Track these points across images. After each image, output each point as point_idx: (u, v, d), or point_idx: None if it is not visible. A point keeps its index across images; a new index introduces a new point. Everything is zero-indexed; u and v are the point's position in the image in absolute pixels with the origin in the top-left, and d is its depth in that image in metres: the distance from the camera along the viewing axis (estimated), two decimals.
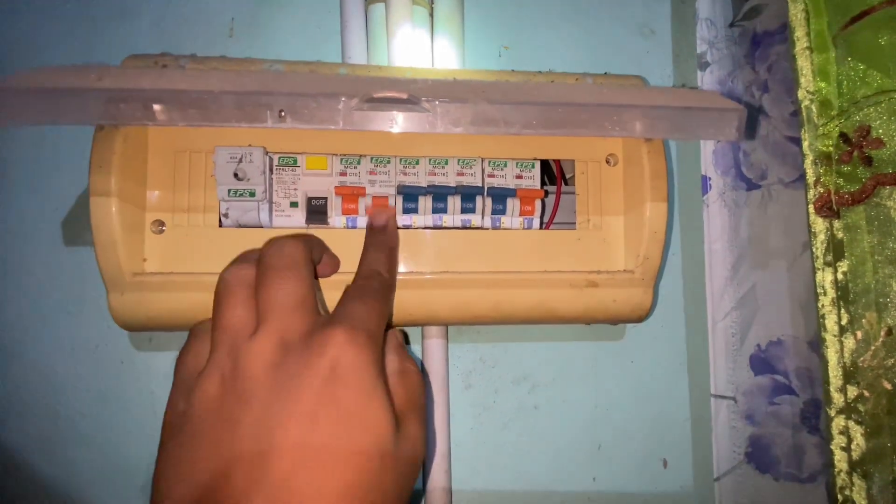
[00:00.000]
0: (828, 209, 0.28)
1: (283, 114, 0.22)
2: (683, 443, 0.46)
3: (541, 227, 0.36)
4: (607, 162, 0.37)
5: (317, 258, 0.27)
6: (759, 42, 0.41)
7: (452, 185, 0.36)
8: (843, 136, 0.28)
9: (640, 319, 0.38)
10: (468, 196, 0.35)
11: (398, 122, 0.23)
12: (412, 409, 0.25)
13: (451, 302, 0.35)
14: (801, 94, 0.33)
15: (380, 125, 0.23)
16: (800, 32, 0.34)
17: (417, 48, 0.41)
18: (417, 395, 0.26)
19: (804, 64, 0.33)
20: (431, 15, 0.43)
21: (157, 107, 0.21)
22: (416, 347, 0.43)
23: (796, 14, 0.34)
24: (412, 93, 0.22)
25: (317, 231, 0.34)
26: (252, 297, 0.24)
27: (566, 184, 0.38)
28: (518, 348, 0.45)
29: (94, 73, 0.21)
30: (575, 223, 0.37)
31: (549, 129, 0.23)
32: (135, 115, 0.22)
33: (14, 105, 0.22)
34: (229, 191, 0.33)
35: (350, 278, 0.34)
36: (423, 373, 0.42)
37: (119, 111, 0.21)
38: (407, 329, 0.43)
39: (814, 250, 0.32)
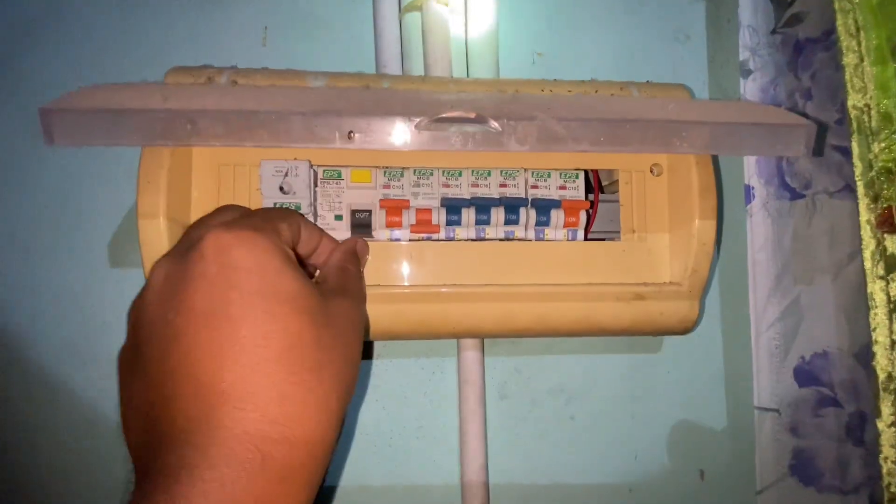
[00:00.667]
0: (889, 224, 0.28)
1: (352, 135, 0.21)
2: (722, 455, 0.45)
3: (585, 239, 0.36)
4: (651, 172, 0.37)
5: (292, 235, 0.26)
6: (801, 49, 0.40)
7: (495, 196, 0.35)
8: None
9: (685, 332, 0.37)
10: (511, 207, 0.35)
11: (466, 141, 0.22)
12: (343, 293, 0.25)
13: (494, 314, 0.34)
14: (850, 103, 0.32)
15: (448, 145, 0.23)
16: (849, 43, 0.33)
17: (453, 56, 0.40)
18: (351, 287, 0.27)
19: (853, 74, 0.33)
20: (465, 22, 0.42)
21: (223, 128, 0.21)
22: (451, 360, 0.43)
23: (846, 24, 0.33)
24: (479, 111, 0.22)
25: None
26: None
27: (602, 192, 0.37)
28: (554, 360, 0.45)
29: (159, 93, 0.21)
30: (619, 234, 0.36)
31: (616, 146, 0.23)
32: (200, 135, 0.21)
33: (74, 125, 0.22)
34: (275, 204, 0.33)
35: (391, 291, 0.34)
36: (459, 383, 0.42)
37: (184, 132, 0.21)
38: (443, 341, 0.43)
39: (865, 263, 0.32)
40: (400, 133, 0.22)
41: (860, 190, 0.32)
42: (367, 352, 0.44)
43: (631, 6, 0.47)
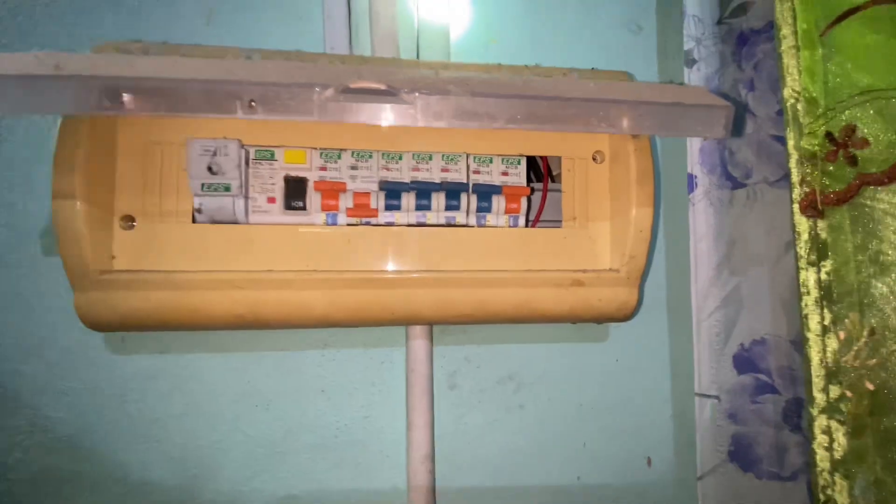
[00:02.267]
0: (813, 209, 0.28)
1: (253, 104, 0.20)
2: (667, 441, 0.46)
3: (526, 226, 0.36)
4: (594, 159, 0.37)
5: None
6: (745, 40, 0.41)
7: (437, 181, 0.35)
8: (829, 136, 0.28)
9: (625, 318, 0.37)
10: (453, 193, 0.34)
11: (376, 114, 0.22)
12: None
13: (435, 301, 0.34)
14: (786, 92, 0.32)
15: (357, 117, 0.22)
16: (786, 31, 0.33)
17: (402, 39, 0.39)
18: None
19: (790, 62, 0.33)
20: (416, 6, 0.42)
21: (122, 96, 0.20)
22: (400, 350, 0.43)
23: (783, 12, 0.34)
24: (391, 84, 0.21)
25: (296, 228, 0.33)
26: None
27: (552, 181, 0.37)
28: (503, 349, 0.45)
29: (52, 61, 0.20)
30: (561, 221, 0.36)
31: (533, 123, 0.22)
32: (97, 103, 0.20)
33: None
34: (203, 185, 0.32)
35: (329, 276, 0.33)
36: (407, 372, 0.41)
37: (79, 100, 0.20)
38: (391, 329, 0.42)
39: (797, 250, 0.32)
40: (304, 103, 0.21)
41: (793, 177, 0.32)
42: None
43: None
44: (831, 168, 0.28)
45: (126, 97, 0.20)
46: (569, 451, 0.45)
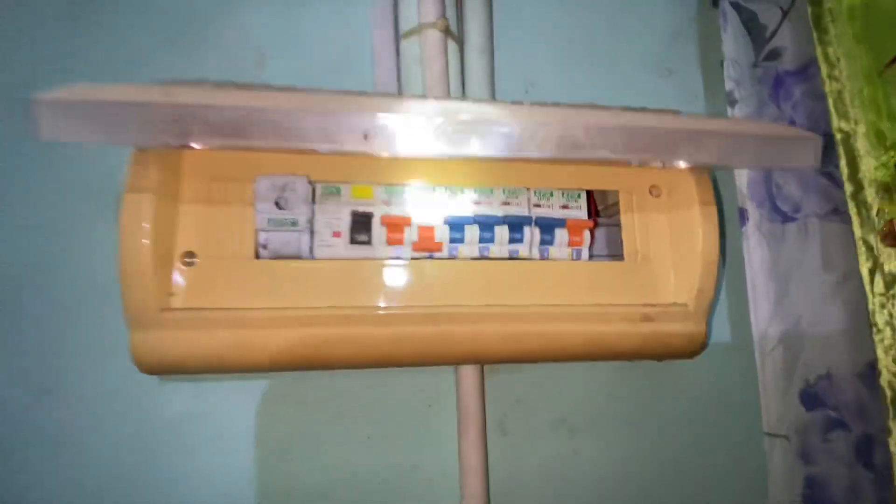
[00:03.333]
0: (892, 238, 0.28)
1: (367, 136, 0.20)
2: (736, 487, 0.43)
3: (590, 259, 0.35)
4: (650, 193, 0.37)
5: None
6: (781, 81, 0.42)
7: (499, 214, 0.35)
8: None
9: (693, 355, 0.36)
10: (516, 226, 0.34)
11: (487, 145, 0.22)
12: None
13: (499, 337, 0.33)
14: (835, 127, 0.33)
15: (467, 149, 0.22)
16: (829, 72, 0.35)
17: (451, 83, 0.41)
18: None
19: (837, 101, 0.34)
20: (461, 51, 0.43)
21: (227, 126, 0.20)
22: (448, 386, 0.41)
23: (825, 55, 0.35)
24: (501, 116, 0.22)
25: (361, 263, 0.32)
26: None
27: (599, 215, 0.37)
28: (555, 389, 0.43)
29: (159, 88, 0.19)
30: (622, 255, 0.36)
31: (632, 153, 0.22)
32: (201, 133, 0.20)
33: (65, 117, 0.20)
34: (269, 220, 0.31)
35: (393, 312, 0.32)
36: (459, 416, 0.39)
37: (185, 130, 0.20)
38: (437, 370, 0.41)
39: (864, 280, 0.32)
40: (420, 136, 0.21)
41: (852, 209, 0.33)
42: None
43: (619, 43, 0.50)
44: None
45: (231, 127, 0.20)
46: (628, 500, 0.43)
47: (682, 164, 0.26)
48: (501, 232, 0.34)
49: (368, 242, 0.33)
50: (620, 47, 0.50)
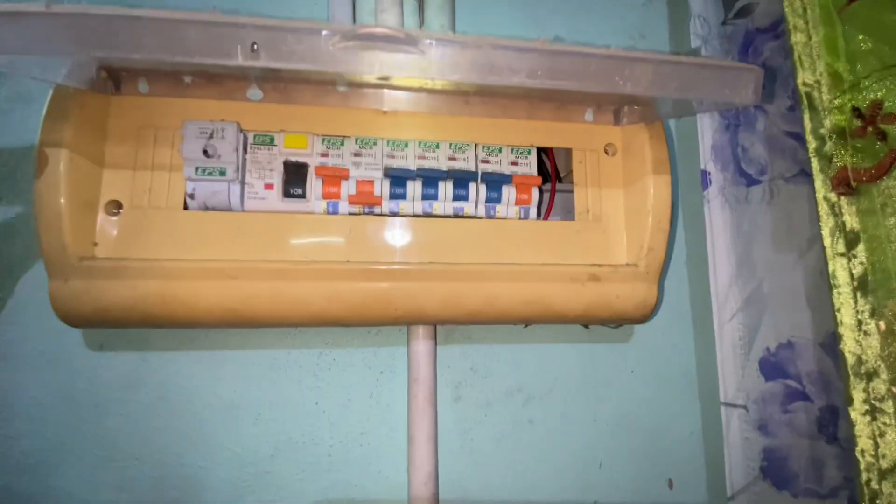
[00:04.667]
0: (846, 185, 0.27)
1: (255, 47, 0.19)
2: (693, 458, 0.42)
3: (538, 218, 0.34)
4: (605, 152, 0.36)
5: None
6: (751, 39, 0.40)
7: (444, 169, 0.33)
8: (856, 111, 0.26)
9: (644, 319, 0.35)
10: (461, 182, 0.33)
11: (388, 64, 0.20)
12: None
13: (441, 295, 0.31)
14: (800, 80, 0.32)
15: (367, 68, 0.20)
16: (795, 22, 0.33)
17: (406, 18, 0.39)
18: None
19: (804, 48, 0.32)
20: (421, 9, 0.41)
21: (111, 36, 0.18)
22: (401, 350, 0.40)
23: (792, 4, 0.33)
24: (407, 34, 0.20)
25: (295, 216, 0.31)
26: None
27: (560, 181, 0.36)
28: (512, 358, 0.42)
29: (42, 1, 0.18)
30: (573, 215, 0.35)
31: (555, 79, 0.21)
32: (84, 43, 0.19)
33: None
34: (197, 169, 0.30)
35: (329, 267, 0.30)
36: (408, 381, 0.38)
37: (65, 39, 0.18)
38: (391, 332, 0.40)
39: (825, 240, 0.31)
40: (311, 49, 0.19)
41: (815, 165, 0.31)
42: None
43: (589, 5, 0.48)
44: (860, 144, 0.26)
45: (123, 37, 0.18)
46: (583, 471, 0.42)
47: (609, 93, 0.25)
48: (446, 187, 0.32)
49: (303, 196, 0.32)
50: (593, 12, 0.48)
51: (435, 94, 0.32)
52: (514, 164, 0.34)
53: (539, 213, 0.34)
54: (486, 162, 0.34)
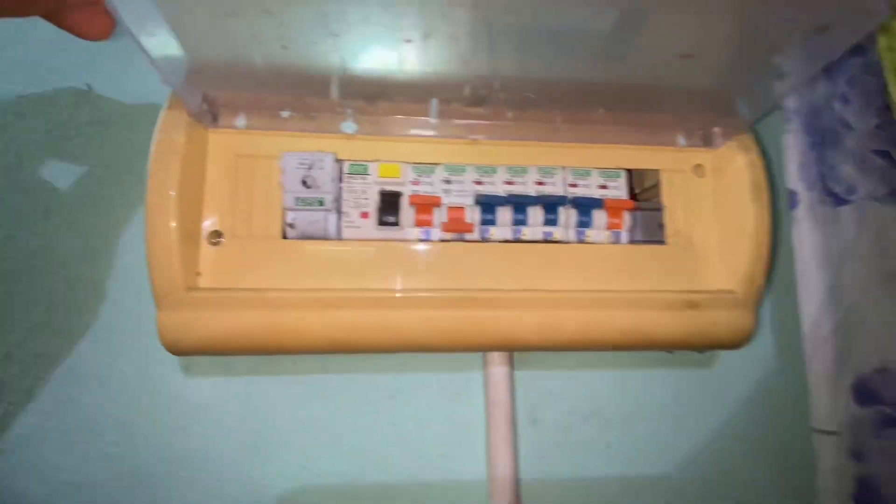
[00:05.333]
0: None
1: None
2: (781, 486, 0.41)
3: (630, 242, 0.33)
4: (694, 173, 0.35)
5: None
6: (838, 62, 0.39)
7: (532, 194, 0.33)
8: None
9: (739, 345, 0.34)
10: (550, 206, 0.32)
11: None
12: None
13: (536, 323, 0.31)
14: (892, 101, 0.31)
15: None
16: (886, 43, 0.32)
17: None
18: None
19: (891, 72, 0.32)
20: None
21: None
22: (475, 373, 0.39)
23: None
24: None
25: (389, 244, 0.31)
26: None
27: (637, 199, 0.35)
28: (589, 379, 0.41)
29: None
30: (663, 238, 0.34)
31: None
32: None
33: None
34: (296, 199, 0.30)
35: (425, 295, 0.30)
36: (487, 405, 0.38)
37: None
38: (465, 356, 0.39)
39: None
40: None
41: None
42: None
43: None
44: None
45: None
46: (663, 498, 0.41)
47: None
48: (535, 213, 0.32)
49: (396, 223, 0.32)
50: None
51: (523, 122, 0.32)
52: (604, 187, 0.34)
53: (631, 238, 0.34)
54: (575, 186, 0.33)
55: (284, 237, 0.31)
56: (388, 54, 0.27)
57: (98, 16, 0.20)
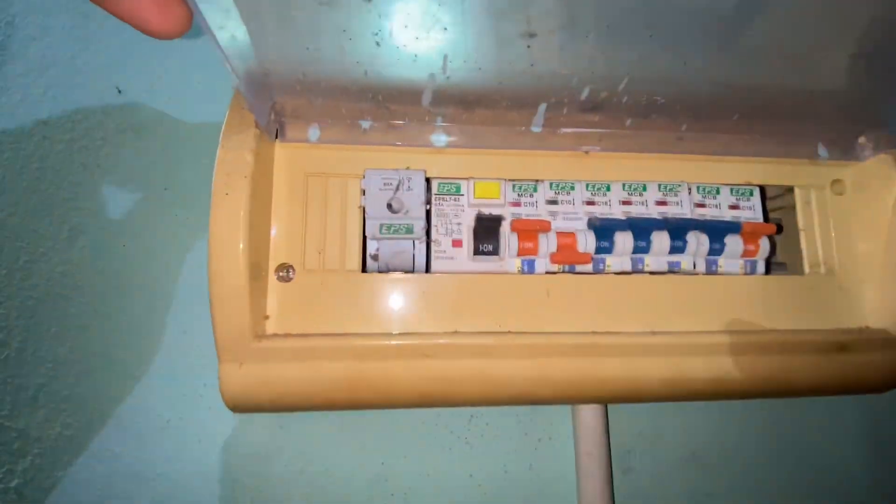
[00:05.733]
0: None
1: None
2: None
3: (766, 272, 0.28)
4: (832, 189, 0.30)
5: None
6: None
7: (655, 217, 0.28)
8: None
9: (886, 389, 0.29)
10: (677, 231, 0.27)
11: None
12: None
13: (664, 373, 0.26)
14: None
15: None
16: None
17: None
18: None
19: None
20: None
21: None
22: (560, 412, 0.35)
23: None
24: None
25: (485, 278, 0.26)
26: None
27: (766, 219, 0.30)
28: (685, 418, 0.36)
29: None
30: (803, 268, 0.29)
31: None
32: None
33: None
34: (381, 226, 0.25)
35: (533, 341, 0.25)
36: (578, 454, 0.33)
37: None
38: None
39: None
40: None
41: None
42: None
43: None
44: None
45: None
46: None
47: None
48: (660, 239, 0.27)
49: (495, 253, 0.27)
50: None
51: (643, 130, 0.27)
52: (735, 207, 0.29)
53: (768, 267, 0.29)
54: (702, 206, 0.28)
55: (364, 271, 0.26)
56: (504, 51, 0.22)
57: (171, 4, 0.15)
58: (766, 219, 0.29)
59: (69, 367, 0.34)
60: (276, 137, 0.25)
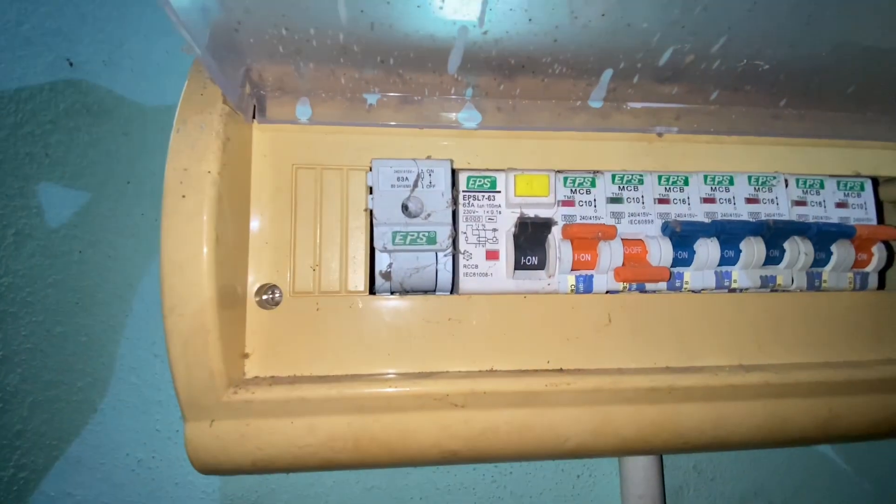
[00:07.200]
0: None
1: None
2: None
3: (880, 287, 0.22)
4: None
5: None
6: None
7: (747, 219, 0.22)
8: None
9: None
10: (774, 237, 0.21)
11: None
12: None
13: (759, 418, 0.20)
14: None
15: None
16: None
17: None
18: None
19: None
20: None
21: None
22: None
23: None
24: None
25: (530, 299, 0.20)
26: None
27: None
28: (741, 453, 0.31)
29: None
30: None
31: None
32: None
33: None
34: (395, 234, 0.19)
35: (588, 384, 0.20)
36: (624, 496, 0.28)
37: None
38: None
39: None
40: None
41: None
42: None
43: None
44: None
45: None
46: None
47: None
48: (753, 247, 0.21)
49: (542, 267, 0.21)
50: None
51: (731, 107, 0.21)
52: (842, 205, 0.22)
53: (881, 282, 0.23)
54: (802, 203, 0.22)
55: (372, 292, 0.20)
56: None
57: None
58: (880, 219, 0.23)
59: (20, 397, 0.28)
60: (254, 117, 0.19)
